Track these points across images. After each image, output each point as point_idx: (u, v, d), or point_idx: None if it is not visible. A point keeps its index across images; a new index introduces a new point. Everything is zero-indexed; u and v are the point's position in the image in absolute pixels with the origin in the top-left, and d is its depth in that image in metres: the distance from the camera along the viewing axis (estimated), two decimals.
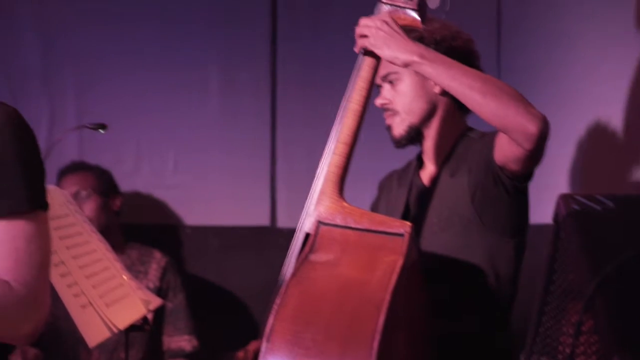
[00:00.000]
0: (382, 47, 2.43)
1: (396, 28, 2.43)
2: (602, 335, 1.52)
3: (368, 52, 2.48)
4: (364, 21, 2.48)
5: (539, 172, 2.50)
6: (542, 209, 2.76)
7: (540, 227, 3.25)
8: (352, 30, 2.61)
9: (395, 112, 2.67)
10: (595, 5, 3.29)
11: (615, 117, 3.09)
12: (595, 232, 1.66)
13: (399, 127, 2.68)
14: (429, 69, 2.41)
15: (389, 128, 2.69)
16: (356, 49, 2.49)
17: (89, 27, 4.10)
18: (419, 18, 2.49)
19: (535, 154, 2.41)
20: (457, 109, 2.67)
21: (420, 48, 2.43)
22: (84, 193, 3.80)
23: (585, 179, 3.34)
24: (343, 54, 2.68)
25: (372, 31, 2.45)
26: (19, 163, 1.74)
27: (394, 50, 2.42)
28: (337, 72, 2.56)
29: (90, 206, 3.79)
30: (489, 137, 2.55)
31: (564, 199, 1.71)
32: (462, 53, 2.63)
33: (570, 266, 1.69)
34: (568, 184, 3.42)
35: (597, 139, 3.23)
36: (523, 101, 2.36)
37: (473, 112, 2.55)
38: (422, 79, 2.62)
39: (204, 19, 4.15)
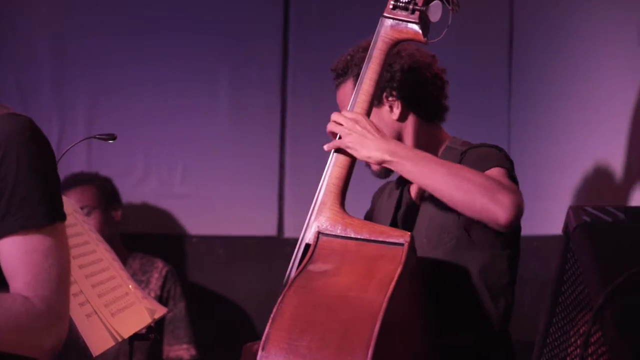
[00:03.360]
0: (355, 148, 2.48)
1: (368, 126, 2.48)
2: (610, 346, 1.51)
3: (339, 150, 2.52)
4: (335, 117, 2.53)
5: (549, 184, 2.49)
6: (551, 220, 2.75)
7: (550, 238, 3.24)
8: (355, 44, 2.61)
9: None
10: (608, 18, 3.29)
11: (626, 129, 3.09)
12: (606, 243, 1.65)
13: (374, 165, 2.68)
14: (399, 167, 2.48)
15: (367, 165, 2.70)
16: (327, 148, 2.53)
17: (99, 37, 4.11)
18: (420, 31, 2.50)
19: (508, 231, 2.46)
20: (424, 123, 2.70)
21: (391, 145, 2.48)
22: (85, 210, 3.80)
23: (595, 190, 3.33)
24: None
25: (344, 131, 2.49)
26: (35, 175, 1.73)
27: (368, 150, 2.47)
28: None
29: (92, 222, 3.80)
30: (472, 160, 2.55)
31: (574, 210, 1.71)
32: (406, 70, 2.65)
33: (580, 277, 1.68)
34: (577, 195, 3.41)
35: (607, 150, 3.22)
36: (492, 190, 2.40)
37: (447, 120, 2.64)
38: (377, 112, 2.65)
39: (215, 29, 4.16)
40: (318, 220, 2.41)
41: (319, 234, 2.38)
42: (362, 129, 2.47)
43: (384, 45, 2.51)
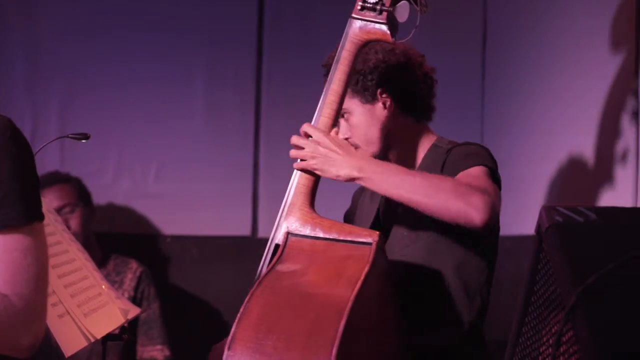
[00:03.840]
0: (322, 169, 2.48)
1: (331, 145, 2.47)
2: (582, 346, 1.52)
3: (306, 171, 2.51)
4: (296, 141, 2.52)
5: (522, 184, 2.50)
6: (524, 220, 2.76)
7: (522, 238, 3.26)
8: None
9: (356, 146, 2.68)
10: (581, 19, 3.31)
11: (597, 132, 3.10)
12: (577, 243, 1.65)
13: None
14: (369, 182, 2.48)
15: None
16: (296, 168, 2.51)
17: (73, 38, 4.10)
18: (388, 32, 2.50)
19: (485, 232, 2.46)
20: (413, 121, 2.70)
21: (359, 161, 2.48)
22: (67, 208, 3.80)
23: (567, 189, 3.35)
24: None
25: (307, 155, 2.48)
26: (14, 175, 1.73)
27: (335, 169, 2.47)
28: (321, 85, 2.56)
29: (76, 220, 3.80)
30: (456, 158, 2.56)
31: (547, 210, 1.71)
32: (400, 67, 2.66)
33: (552, 277, 1.69)
34: (549, 195, 3.42)
35: (580, 149, 3.24)
36: (464, 194, 2.41)
37: (439, 119, 2.62)
38: (370, 107, 2.64)
39: (190, 29, 4.16)
40: (287, 220, 2.42)
41: (288, 234, 2.38)
42: (325, 149, 2.47)
43: (353, 46, 2.52)
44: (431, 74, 2.72)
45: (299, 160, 2.51)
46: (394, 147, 2.69)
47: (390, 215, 2.68)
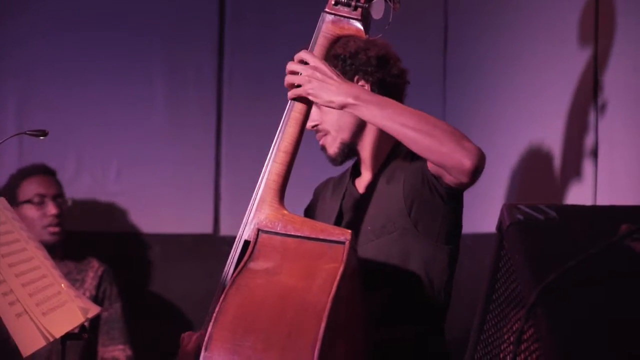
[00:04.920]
0: (316, 94, 2.44)
1: (328, 72, 2.44)
2: (543, 343, 1.52)
3: (299, 99, 2.48)
4: (292, 67, 2.47)
5: (482, 182, 2.51)
6: (484, 218, 2.77)
7: (483, 236, 3.27)
8: (299, 43, 2.60)
9: (326, 132, 2.68)
10: (541, 16, 3.32)
11: (557, 129, 3.12)
12: (538, 241, 1.66)
13: (332, 146, 2.68)
14: (364, 111, 2.42)
15: (323, 148, 2.70)
16: (289, 96, 2.48)
17: (31, 36, 4.06)
18: (362, 28, 2.49)
19: (471, 182, 2.43)
20: None
21: (355, 89, 2.45)
22: (59, 200, 3.82)
23: (528, 188, 3.37)
24: None
25: (304, 79, 2.45)
26: None
27: (329, 94, 2.42)
28: (282, 85, 2.55)
29: (61, 209, 3.78)
30: None
31: (508, 208, 1.72)
32: (380, 58, 2.66)
33: (513, 275, 1.70)
34: (510, 193, 3.44)
35: (541, 148, 3.25)
36: (458, 136, 2.38)
37: None
38: None
39: (150, 28, 4.14)
40: (257, 216, 2.39)
41: (258, 230, 2.35)
42: (322, 75, 2.42)
43: (325, 41, 2.50)
44: (406, 74, 2.72)
45: (293, 88, 2.46)
46: (364, 137, 2.68)
47: (354, 211, 2.68)
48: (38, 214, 3.78)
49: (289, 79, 2.48)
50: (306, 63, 2.47)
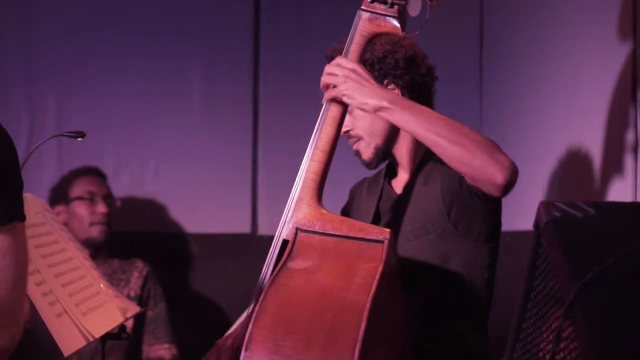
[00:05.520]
0: (351, 95, 2.43)
1: (364, 75, 2.44)
2: (582, 341, 1.51)
3: (334, 100, 2.47)
4: (330, 69, 2.47)
5: (521, 180, 2.49)
6: (522, 216, 2.75)
7: (521, 234, 3.25)
8: (334, 40, 2.60)
9: (359, 138, 2.67)
10: (577, 14, 3.29)
11: (595, 127, 3.10)
12: (576, 239, 1.65)
13: (366, 151, 2.67)
14: (397, 116, 2.41)
15: (357, 153, 2.69)
16: (324, 101, 2.48)
17: (70, 35, 4.10)
18: (399, 25, 2.48)
19: (503, 195, 2.42)
20: None
21: (390, 94, 2.45)
22: (109, 200, 3.88)
23: (567, 185, 3.35)
24: (325, 64, 2.68)
25: (339, 80, 2.44)
26: None
27: (364, 97, 2.42)
28: (318, 82, 2.55)
29: (110, 209, 3.86)
30: None
31: (545, 206, 1.70)
32: (408, 60, 2.65)
33: (551, 273, 1.68)
34: (548, 190, 3.42)
35: (579, 145, 3.23)
36: (491, 149, 2.36)
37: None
38: None
39: (187, 28, 4.15)
40: (295, 215, 2.38)
41: (297, 229, 2.34)
42: (358, 77, 2.42)
43: (362, 39, 2.49)
44: (433, 71, 2.71)
45: (330, 90, 2.46)
46: (399, 140, 2.67)
47: (392, 211, 2.67)
48: (88, 211, 3.83)
49: (324, 79, 2.48)
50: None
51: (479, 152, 2.34)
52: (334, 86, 2.46)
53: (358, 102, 2.43)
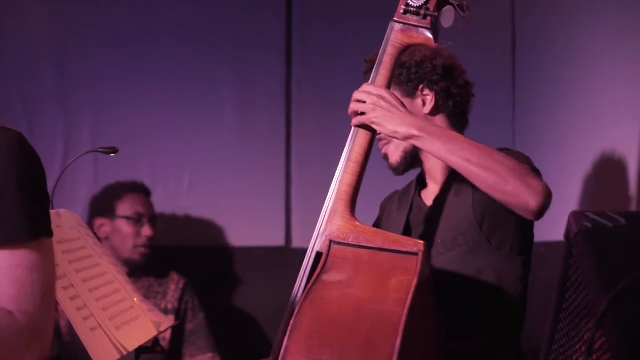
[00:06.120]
0: (380, 123, 2.43)
1: (393, 101, 2.44)
2: (614, 353, 1.50)
3: (363, 126, 2.47)
4: (358, 96, 2.47)
5: (556, 190, 2.47)
6: (557, 226, 2.73)
7: (553, 245, 3.23)
8: (367, 51, 2.60)
9: (388, 140, 2.66)
10: (611, 23, 3.28)
11: (629, 137, 3.08)
12: (607, 249, 1.64)
13: (395, 154, 2.67)
14: (427, 143, 2.42)
15: (385, 157, 2.68)
16: (353, 124, 2.48)
17: (104, 50, 4.12)
18: (432, 37, 2.47)
19: (536, 219, 2.42)
20: (452, 125, 2.67)
21: (419, 121, 2.44)
22: (154, 221, 3.89)
23: (595, 197, 3.32)
24: (357, 75, 2.68)
25: (368, 107, 2.44)
26: (20, 190, 1.72)
27: (394, 125, 2.42)
28: (351, 92, 2.55)
29: (154, 231, 3.86)
30: None
31: (576, 216, 1.69)
32: (446, 68, 2.65)
33: (583, 284, 1.67)
34: (583, 200, 3.40)
35: (608, 157, 3.21)
36: (523, 174, 2.36)
37: (470, 127, 2.61)
38: (410, 101, 2.63)
39: (219, 40, 4.16)
40: (329, 228, 2.38)
41: (331, 242, 2.34)
42: (387, 104, 2.42)
43: (394, 51, 2.48)
44: (471, 87, 2.70)
45: (359, 117, 2.46)
46: None
47: (423, 223, 2.66)
48: (133, 231, 3.85)
49: (353, 106, 2.48)
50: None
51: (510, 178, 2.34)
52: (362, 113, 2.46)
53: (388, 130, 2.43)
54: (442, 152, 2.40)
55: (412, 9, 2.47)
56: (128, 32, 4.14)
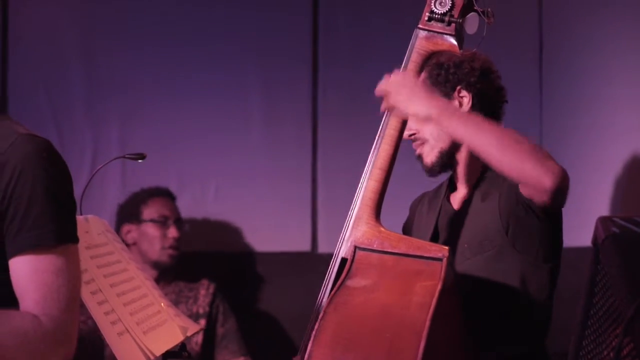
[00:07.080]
0: (405, 105, 2.45)
1: (417, 84, 2.46)
2: None
3: (394, 116, 2.49)
4: (384, 80, 2.50)
5: (578, 196, 2.47)
6: (581, 232, 2.72)
7: (580, 250, 3.21)
8: (392, 58, 2.60)
9: (424, 141, 2.67)
10: (637, 33, 3.27)
11: None
12: (635, 254, 1.63)
13: (430, 154, 2.67)
14: (446, 124, 2.44)
15: (419, 157, 2.69)
16: (382, 109, 2.51)
17: (132, 56, 4.14)
18: (456, 43, 2.48)
19: (555, 202, 2.40)
20: None
21: (440, 102, 2.46)
22: (180, 223, 3.93)
23: (624, 202, 3.31)
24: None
25: (392, 89, 2.46)
26: (49, 196, 1.74)
27: (415, 105, 2.44)
28: (377, 99, 2.56)
29: (180, 233, 3.90)
30: None
31: (603, 221, 1.69)
32: (483, 71, 2.66)
33: (610, 289, 1.67)
34: (607, 206, 3.38)
35: (637, 162, 3.19)
36: (540, 155, 2.36)
37: None
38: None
39: (245, 47, 4.18)
40: (354, 234, 2.39)
41: (355, 248, 2.35)
42: (411, 86, 2.45)
43: (419, 58, 2.50)
44: (504, 92, 2.71)
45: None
46: (463, 148, 2.66)
47: (450, 227, 2.66)
48: (159, 233, 3.88)
49: (379, 88, 2.50)
50: None
51: (527, 158, 2.34)
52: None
53: (409, 111, 2.45)
54: (461, 131, 2.42)
55: (436, 15, 2.48)
56: (157, 40, 4.15)
